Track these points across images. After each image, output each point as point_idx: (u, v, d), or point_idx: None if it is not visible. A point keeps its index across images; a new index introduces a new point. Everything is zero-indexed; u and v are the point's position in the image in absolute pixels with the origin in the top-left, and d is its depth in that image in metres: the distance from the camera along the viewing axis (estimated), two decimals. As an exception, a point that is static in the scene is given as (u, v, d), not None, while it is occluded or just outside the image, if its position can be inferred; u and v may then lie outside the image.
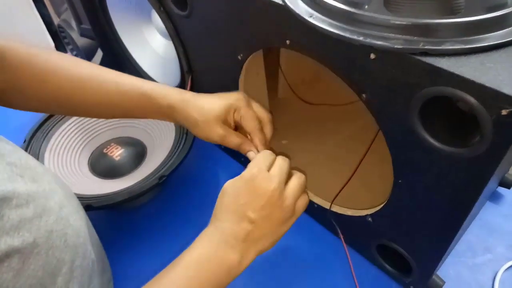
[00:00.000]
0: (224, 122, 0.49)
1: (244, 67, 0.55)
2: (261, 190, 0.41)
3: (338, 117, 0.75)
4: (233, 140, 0.49)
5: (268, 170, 0.42)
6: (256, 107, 0.51)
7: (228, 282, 0.40)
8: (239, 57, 0.53)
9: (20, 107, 0.50)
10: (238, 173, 0.70)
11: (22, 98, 0.49)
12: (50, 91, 0.48)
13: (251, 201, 0.40)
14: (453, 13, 0.34)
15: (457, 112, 0.36)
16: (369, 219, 0.51)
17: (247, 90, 0.60)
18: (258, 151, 0.49)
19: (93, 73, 0.50)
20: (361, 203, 0.54)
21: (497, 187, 0.64)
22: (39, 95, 0.48)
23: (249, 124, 0.49)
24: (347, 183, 0.59)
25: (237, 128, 0.51)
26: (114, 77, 0.50)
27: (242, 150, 0.50)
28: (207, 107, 0.48)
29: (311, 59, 0.43)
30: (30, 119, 0.71)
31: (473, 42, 0.32)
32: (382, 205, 0.48)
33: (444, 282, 0.51)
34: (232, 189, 0.42)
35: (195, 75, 0.67)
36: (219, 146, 0.76)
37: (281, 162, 0.44)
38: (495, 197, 0.64)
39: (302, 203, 0.44)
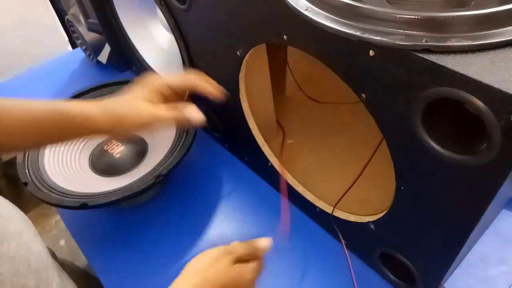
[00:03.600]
0: (150, 101, 0.45)
1: (244, 63, 0.52)
2: None
3: (347, 116, 0.72)
4: (165, 113, 0.45)
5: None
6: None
7: None
8: (238, 53, 0.50)
9: None
10: (243, 173, 0.68)
11: None
12: None
13: None
14: (462, 5, 0.31)
15: (464, 115, 0.33)
16: (372, 226, 0.48)
17: (249, 86, 0.57)
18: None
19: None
20: (365, 208, 0.51)
21: (515, 194, 0.59)
22: None
23: (176, 80, 0.47)
24: (350, 187, 0.56)
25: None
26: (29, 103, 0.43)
27: (181, 116, 0.46)
28: (129, 96, 0.46)
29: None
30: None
31: (483, 37, 0.29)
32: (384, 212, 0.45)
33: (451, 296, 0.48)
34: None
35: (197, 71, 0.65)
36: (223, 144, 0.75)
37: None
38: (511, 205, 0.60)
39: None
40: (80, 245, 0.63)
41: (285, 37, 0.41)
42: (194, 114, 0.46)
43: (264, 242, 0.44)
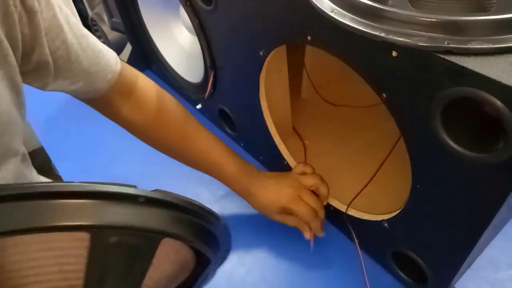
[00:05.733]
0: (282, 210, 0.56)
1: (265, 63, 0.54)
2: None
3: (362, 120, 0.73)
4: (290, 222, 0.57)
5: None
6: (308, 198, 0.56)
7: None
8: (261, 53, 0.52)
9: (133, 133, 0.58)
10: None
11: (136, 130, 0.57)
12: (159, 136, 0.57)
13: None
14: (484, 10, 0.32)
15: (481, 116, 0.34)
16: (385, 224, 0.49)
17: (268, 86, 0.59)
18: (313, 234, 0.57)
19: (195, 139, 0.58)
20: (378, 207, 0.52)
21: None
22: (152, 133, 0.57)
23: (304, 217, 0.55)
24: (365, 186, 0.57)
25: None
26: (214, 154, 0.58)
27: (300, 228, 0.57)
28: (269, 203, 0.57)
29: (336, 59, 0.42)
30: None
31: (503, 41, 0.31)
32: (399, 210, 0.46)
33: (462, 296, 0.49)
34: None
35: (218, 71, 0.67)
36: (238, 142, 0.76)
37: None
38: (523, 212, 0.60)
39: None
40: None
41: (309, 37, 0.43)
42: (316, 233, 0.57)
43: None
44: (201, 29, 0.63)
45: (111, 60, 0.49)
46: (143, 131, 0.57)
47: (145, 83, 0.55)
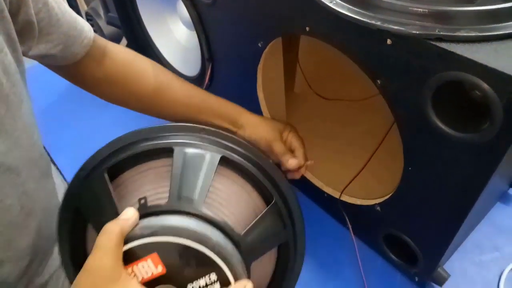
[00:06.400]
0: (280, 133, 0.57)
1: (263, 55, 0.56)
2: None
3: (353, 112, 0.76)
4: (280, 147, 0.55)
5: None
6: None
7: None
8: (259, 45, 0.54)
9: (109, 98, 0.59)
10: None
11: (111, 91, 0.58)
12: (135, 91, 0.57)
13: None
14: (471, 1, 0.35)
15: (468, 101, 0.37)
16: (378, 208, 0.51)
17: (265, 80, 0.61)
18: (296, 162, 0.54)
19: (174, 83, 0.58)
20: (371, 193, 0.55)
21: (508, 189, 0.64)
22: (125, 91, 0.57)
23: (297, 142, 0.57)
24: (359, 173, 0.60)
25: None
26: (211, 100, 0.58)
27: (285, 159, 0.55)
28: (271, 121, 0.58)
29: (329, 55, 0.44)
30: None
31: (488, 30, 0.34)
32: (391, 194, 0.49)
33: (449, 275, 0.51)
34: None
35: (215, 64, 0.69)
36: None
37: None
38: (505, 199, 0.64)
39: None
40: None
41: (307, 28, 0.45)
42: (292, 163, 0.54)
43: None
44: (200, 23, 0.64)
45: (85, 27, 0.51)
46: (120, 92, 0.58)
47: (114, 47, 0.57)
